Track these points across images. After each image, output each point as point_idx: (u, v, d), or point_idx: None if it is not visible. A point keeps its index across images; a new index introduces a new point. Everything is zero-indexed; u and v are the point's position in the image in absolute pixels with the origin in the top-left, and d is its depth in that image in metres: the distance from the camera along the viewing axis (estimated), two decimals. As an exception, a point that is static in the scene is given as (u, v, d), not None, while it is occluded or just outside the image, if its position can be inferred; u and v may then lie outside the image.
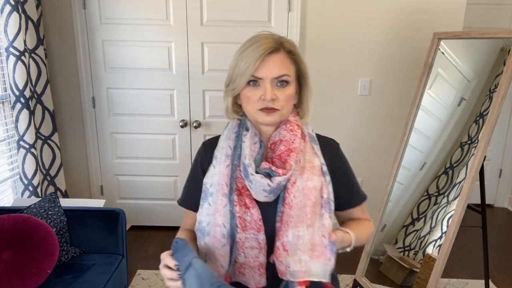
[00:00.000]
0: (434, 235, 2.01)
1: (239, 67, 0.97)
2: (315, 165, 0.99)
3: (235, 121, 1.07)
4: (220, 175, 0.99)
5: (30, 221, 1.72)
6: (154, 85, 2.74)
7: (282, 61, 0.97)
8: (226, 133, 1.05)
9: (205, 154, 1.09)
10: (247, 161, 0.96)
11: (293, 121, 1.03)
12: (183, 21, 2.63)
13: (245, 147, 0.98)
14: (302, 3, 2.59)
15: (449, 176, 2.04)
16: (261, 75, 0.96)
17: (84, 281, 1.73)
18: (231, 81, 1.00)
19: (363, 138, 2.83)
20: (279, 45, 0.97)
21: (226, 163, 1.00)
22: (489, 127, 1.84)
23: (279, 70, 0.96)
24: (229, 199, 0.96)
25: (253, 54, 0.95)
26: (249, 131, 1.02)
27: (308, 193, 0.94)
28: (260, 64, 0.95)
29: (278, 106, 0.97)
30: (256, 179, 0.93)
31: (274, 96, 0.95)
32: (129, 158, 2.89)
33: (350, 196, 1.09)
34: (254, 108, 0.98)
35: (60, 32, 2.68)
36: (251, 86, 0.97)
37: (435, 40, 2.20)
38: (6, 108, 2.39)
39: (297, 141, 0.99)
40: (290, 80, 0.98)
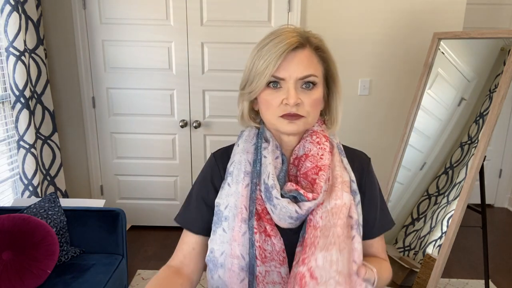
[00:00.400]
0: (434, 235, 2.01)
1: (257, 67, 0.81)
2: (345, 180, 0.84)
3: (252, 130, 0.91)
4: (237, 196, 0.83)
5: (30, 221, 1.72)
6: (154, 85, 2.74)
7: (309, 59, 0.81)
8: (243, 145, 0.88)
9: (218, 168, 0.91)
10: (271, 181, 0.80)
11: (320, 131, 0.87)
12: (183, 21, 2.63)
13: (268, 163, 0.83)
14: (302, 3, 2.59)
15: (449, 176, 2.04)
16: (283, 76, 0.80)
17: (84, 281, 1.73)
18: (247, 83, 0.85)
19: (363, 138, 2.83)
20: (305, 40, 0.82)
21: (245, 182, 0.84)
22: (489, 127, 1.84)
23: (304, 69, 0.80)
24: (248, 225, 0.80)
25: (274, 51, 0.79)
26: (269, 143, 0.86)
27: (338, 212, 0.79)
28: (282, 63, 0.79)
29: (303, 112, 0.81)
30: (282, 204, 0.78)
31: (299, 100, 0.80)
32: (129, 158, 2.89)
33: (374, 222, 0.92)
34: (274, 115, 0.82)
35: (60, 32, 2.68)
36: (271, 89, 0.82)
37: (435, 40, 2.20)
38: (6, 108, 2.39)
39: (326, 156, 0.84)
40: (318, 81, 0.83)
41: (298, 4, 2.57)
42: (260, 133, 0.89)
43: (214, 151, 0.96)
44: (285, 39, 0.79)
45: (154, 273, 2.45)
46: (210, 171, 0.92)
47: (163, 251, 2.70)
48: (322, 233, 0.77)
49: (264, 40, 0.83)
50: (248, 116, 0.91)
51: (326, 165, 0.82)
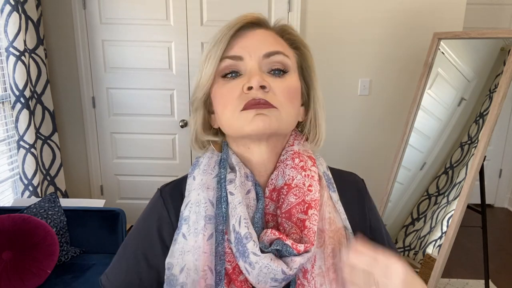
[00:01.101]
0: (434, 235, 2.01)
1: (204, 54, 0.63)
2: (339, 227, 0.63)
3: (213, 157, 0.65)
4: (198, 252, 0.59)
5: (30, 221, 1.72)
6: (154, 85, 2.74)
7: (274, 38, 0.64)
8: (201, 177, 0.63)
9: (167, 211, 0.65)
10: (244, 229, 0.57)
11: (303, 152, 0.64)
12: (183, 21, 2.63)
13: (237, 203, 0.59)
14: (302, 3, 2.59)
15: (449, 176, 2.04)
16: (240, 53, 0.60)
17: (84, 281, 1.73)
18: (197, 86, 0.64)
19: (363, 138, 2.83)
20: (266, 21, 0.67)
21: (207, 232, 0.60)
22: (489, 127, 1.84)
23: (271, 45, 0.61)
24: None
25: (224, 29, 0.62)
26: (236, 172, 0.62)
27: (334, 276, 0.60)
28: (237, 40, 0.61)
29: (273, 101, 0.59)
30: (262, 262, 0.55)
31: (265, 83, 0.58)
32: (129, 158, 2.89)
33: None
34: (234, 111, 0.59)
35: (60, 32, 2.68)
36: (227, 79, 0.61)
37: (435, 40, 2.20)
38: (6, 108, 2.39)
39: (316, 187, 0.61)
40: (290, 65, 0.62)
41: (298, 4, 2.57)
42: (223, 160, 0.64)
43: (162, 186, 0.69)
44: (239, 17, 0.65)
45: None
46: (155, 217, 0.65)
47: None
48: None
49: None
50: (203, 131, 0.66)
51: (316, 200, 0.60)
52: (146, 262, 0.64)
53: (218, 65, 0.60)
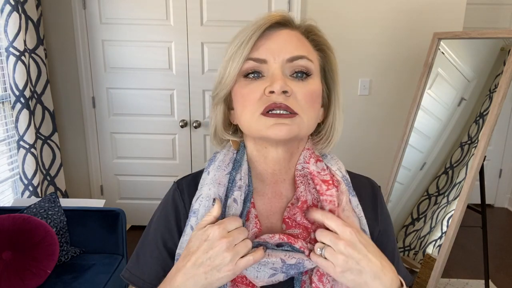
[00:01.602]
0: (434, 235, 2.01)
1: (229, 53, 0.63)
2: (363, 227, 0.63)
3: (228, 154, 0.66)
4: None
5: (30, 221, 1.73)
6: (154, 85, 2.74)
7: (299, 39, 0.62)
8: (214, 173, 0.64)
9: (183, 203, 0.68)
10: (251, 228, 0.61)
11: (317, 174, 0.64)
12: (183, 21, 2.63)
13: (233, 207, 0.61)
14: (302, 3, 2.59)
15: (449, 176, 2.04)
16: (265, 56, 0.59)
17: (84, 281, 1.73)
18: (220, 82, 0.64)
19: (363, 138, 2.83)
20: (291, 20, 0.64)
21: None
22: (489, 127, 1.84)
23: (295, 49, 0.60)
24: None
25: (249, 30, 0.61)
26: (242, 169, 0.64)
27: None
28: (262, 40, 0.60)
29: (295, 106, 0.58)
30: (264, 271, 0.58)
31: (287, 87, 0.57)
32: (129, 158, 2.89)
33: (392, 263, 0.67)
34: (254, 113, 0.59)
35: (60, 32, 2.68)
36: (249, 79, 0.60)
37: (435, 40, 2.20)
38: (6, 108, 2.39)
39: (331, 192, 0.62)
40: (313, 70, 0.61)
41: (298, 4, 2.57)
42: (237, 160, 0.66)
43: (178, 179, 0.72)
44: (265, 17, 0.62)
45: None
46: (173, 207, 0.69)
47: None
48: None
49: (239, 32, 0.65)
50: (223, 128, 0.66)
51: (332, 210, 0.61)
52: (168, 253, 0.65)
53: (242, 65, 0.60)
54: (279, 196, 0.65)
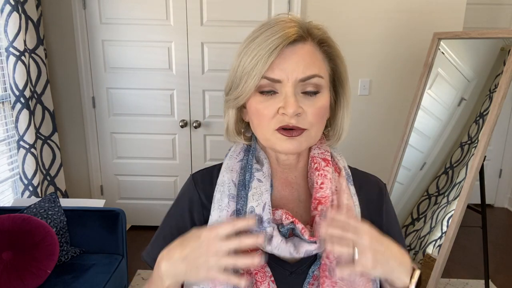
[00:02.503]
0: (434, 235, 2.01)
1: (244, 65, 0.65)
2: (355, 214, 0.69)
3: (239, 145, 0.74)
4: None
5: (30, 221, 1.73)
6: (154, 85, 2.74)
7: (312, 56, 0.64)
8: (227, 162, 0.72)
9: (198, 195, 0.73)
10: (267, 214, 0.64)
11: (318, 155, 0.71)
12: (183, 21, 2.63)
13: (264, 190, 0.66)
14: (302, 3, 2.59)
15: (449, 176, 2.04)
16: (279, 77, 0.62)
17: (84, 281, 1.73)
18: (233, 86, 0.68)
19: (363, 138, 2.83)
20: (305, 32, 0.64)
21: (231, 209, 0.67)
22: (489, 127, 1.84)
23: (307, 69, 0.63)
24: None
25: (265, 45, 0.62)
26: (263, 166, 0.69)
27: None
28: (276, 60, 0.62)
29: (304, 124, 0.63)
30: (276, 242, 0.63)
31: (300, 109, 0.62)
32: (129, 158, 2.89)
33: None
34: (268, 128, 0.64)
35: (60, 32, 2.68)
36: (264, 96, 0.64)
37: (435, 40, 2.20)
38: (6, 108, 2.39)
39: (328, 185, 0.68)
40: (323, 84, 0.65)
41: (298, 4, 2.57)
42: (252, 150, 0.72)
43: (194, 172, 0.77)
44: (280, 30, 0.62)
45: (154, 273, 2.45)
46: (188, 199, 0.74)
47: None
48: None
49: (254, 32, 0.65)
50: (234, 128, 0.72)
51: (326, 196, 0.66)
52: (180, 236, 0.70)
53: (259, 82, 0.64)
54: (288, 183, 0.73)
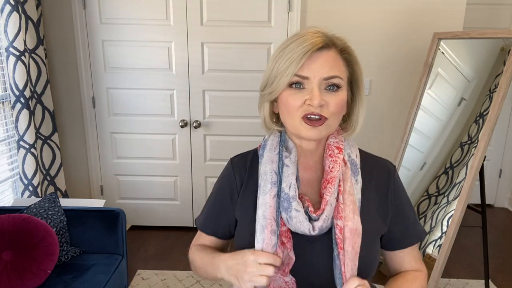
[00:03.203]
0: (434, 235, 2.01)
1: (279, 66, 0.79)
2: (355, 200, 0.83)
3: (275, 139, 0.90)
4: (266, 206, 0.82)
5: (30, 221, 1.72)
6: (154, 85, 2.74)
7: (334, 60, 0.80)
8: (268, 154, 0.87)
9: (234, 177, 0.91)
10: (292, 191, 0.81)
11: (333, 143, 0.87)
12: (183, 21, 2.63)
13: (290, 173, 0.83)
14: (302, 3, 2.59)
15: (449, 176, 2.04)
16: (307, 74, 0.78)
17: (84, 281, 1.73)
18: (268, 84, 0.83)
19: (363, 138, 2.83)
20: (329, 41, 0.81)
21: (273, 192, 0.83)
22: (489, 127, 1.84)
23: (330, 70, 0.79)
24: (276, 237, 0.80)
25: (297, 50, 0.78)
26: (291, 153, 0.86)
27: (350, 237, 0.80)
28: (306, 61, 0.78)
29: (326, 113, 0.79)
30: (299, 218, 0.79)
31: (323, 101, 0.78)
32: (129, 158, 2.89)
33: (402, 235, 0.90)
34: (296, 117, 0.80)
35: (60, 32, 2.68)
36: (293, 89, 0.80)
37: (435, 40, 2.20)
38: (6, 108, 2.39)
39: (336, 168, 0.83)
40: (343, 84, 0.81)
41: (298, 4, 2.57)
42: (282, 141, 0.88)
43: (233, 157, 0.96)
44: (309, 39, 0.78)
45: (154, 273, 2.45)
46: (227, 180, 0.93)
47: (163, 251, 2.69)
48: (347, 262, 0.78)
49: (287, 41, 0.82)
50: (270, 119, 0.89)
51: (335, 177, 0.82)
52: (221, 209, 0.93)
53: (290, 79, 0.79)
54: (309, 167, 0.89)
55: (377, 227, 0.87)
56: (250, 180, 0.89)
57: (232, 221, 0.92)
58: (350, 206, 0.81)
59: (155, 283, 2.36)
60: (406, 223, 0.90)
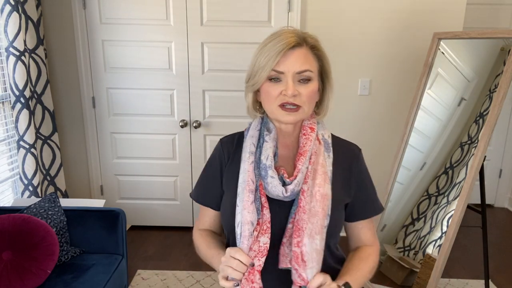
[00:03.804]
0: (434, 235, 2.01)
1: (259, 62, 0.94)
2: (326, 171, 0.97)
3: (257, 119, 1.05)
4: (245, 172, 0.97)
5: (30, 221, 1.73)
6: (154, 85, 2.75)
7: (305, 56, 0.94)
8: (250, 132, 1.04)
9: (223, 151, 1.07)
10: (269, 162, 0.95)
11: (307, 125, 1.01)
12: (183, 21, 2.63)
13: (268, 147, 0.98)
14: (302, 3, 2.59)
15: (449, 176, 2.05)
16: (282, 69, 0.92)
17: (84, 281, 1.73)
18: (251, 77, 0.98)
19: (363, 138, 2.83)
20: (302, 40, 0.94)
21: (250, 160, 0.98)
22: (489, 127, 1.84)
23: (302, 65, 0.93)
24: (255, 196, 0.94)
25: (274, 48, 0.92)
26: (271, 132, 1.01)
27: (321, 200, 0.93)
28: (281, 59, 0.92)
29: (300, 102, 0.93)
30: (273, 183, 0.93)
31: (296, 91, 0.92)
32: (129, 158, 2.89)
33: (363, 208, 1.05)
34: (274, 105, 0.95)
35: (60, 32, 2.68)
36: (272, 82, 0.94)
37: (435, 40, 2.20)
38: (6, 108, 2.39)
39: (309, 144, 0.98)
40: (313, 76, 0.95)
41: (298, 4, 2.57)
42: (264, 123, 1.03)
43: (222, 137, 1.11)
44: (284, 39, 0.92)
45: (154, 273, 2.45)
46: (217, 156, 1.08)
47: (163, 251, 2.70)
48: (308, 219, 0.91)
49: (266, 40, 0.95)
50: (253, 107, 1.04)
51: (306, 151, 0.97)
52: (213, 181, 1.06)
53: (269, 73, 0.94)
54: (287, 146, 1.04)
55: (343, 196, 1.01)
56: (236, 155, 1.04)
57: (221, 191, 1.05)
58: (322, 175, 0.95)
59: (155, 283, 2.36)
60: (367, 198, 1.06)
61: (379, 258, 1.06)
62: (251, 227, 0.91)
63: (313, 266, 0.89)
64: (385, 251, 2.23)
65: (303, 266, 0.88)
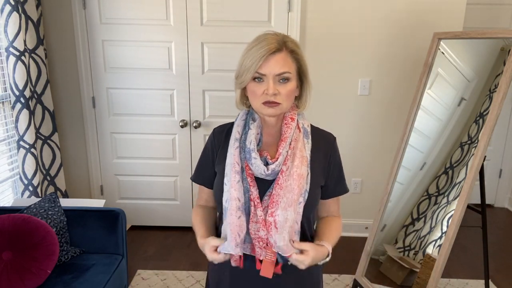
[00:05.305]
0: (434, 235, 2.01)
1: (245, 64, 1.08)
2: (304, 155, 1.12)
3: (243, 111, 1.21)
4: (231, 156, 1.12)
5: (30, 221, 1.73)
6: (154, 85, 2.75)
7: (284, 60, 1.08)
8: (237, 122, 1.19)
9: (214, 138, 1.24)
10: (252, 146, 1.11)
11: (288, 116, 1.16)
12: (183, 21, 2.63)
13: (251, 134, 1.13)
14: (302, 3, 2.59)
15: (449, 176, 2.05)
16: (264, 72, 1.06)
17: (84, 281, 1.73)
18: (239, 75, 1.12)
19: (363, 138, 2.83)
20: (281, 45, 1.08)
21: (236, 145, 1.13)
22: (489, 127, 1.84)
23: (280, 68, 1.06)
24: (241, 176, 1.10)
25: (257, 53, 1.06)
26: (255, 122, 1.17)
27: (296, 179, 1.09)
28: (263, 63, 1.06)
29: (279, 99, 1.08)
30: (256, 163, 1.09)
31: (276, 91, 1.07)
32: (129, 158, 2.89)
33: (334, 188, 1.23)
34: (258, 102, 1.09)
35: (60, 32, 2.68)
36: (256, 82, 1.08)
37: (435, 40, 2.20)
38: (6, 108, 2.39)
39: (289, 132, 1.13)
40: (291, 77, 1.09)
41: (298, 4, 2.57)
42: (249, 114, 1.19)
43: (215, 127, 1.25)
44: (266, 45, 1.06)
45: (154, 273, 2.45)
46: (210, 144, 1.24)
47: (163, 251, 2.70)
48: (284, 194, 1.07)
49: (251, 43, 1.10)
50: (240, 101, 1.20)
51: (287, 137, 1.12)
52: (207, 162, 1.23)
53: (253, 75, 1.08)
54: (271, 135, 1.18)
55: (319, 178, 1.17)
56: (226, 143, 1.19)
57: (214, 173, 1.22)
58: (299, 158, 1.10)
59: (155, 283, 2.36)
60: (338, 180, 1.23)
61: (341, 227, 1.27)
62: (238, 202, 1.08)
63: (283, 232, 1.06)
64: (385, 251, 2.23)
65: (274, 231, 1.05)
